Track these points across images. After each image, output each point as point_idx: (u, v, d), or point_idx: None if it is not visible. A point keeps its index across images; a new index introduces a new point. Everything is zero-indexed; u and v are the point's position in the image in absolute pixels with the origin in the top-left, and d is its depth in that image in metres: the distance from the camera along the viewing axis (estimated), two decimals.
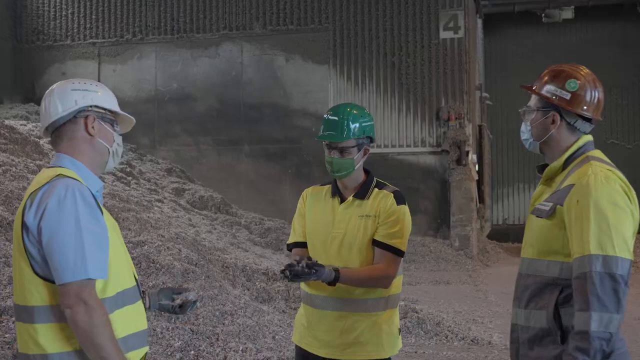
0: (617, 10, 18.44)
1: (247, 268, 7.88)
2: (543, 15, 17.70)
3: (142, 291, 2.67)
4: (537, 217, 2.52)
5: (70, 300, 2.13)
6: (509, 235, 18.36)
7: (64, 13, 16.29)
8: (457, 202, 13.68)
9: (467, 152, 13.81)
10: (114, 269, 2.28)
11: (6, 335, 4.52)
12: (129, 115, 2.54)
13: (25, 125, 12.62)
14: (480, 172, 15.57)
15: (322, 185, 3.24)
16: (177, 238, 7.68)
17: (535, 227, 2.53)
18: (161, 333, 5.21)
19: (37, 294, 2.22)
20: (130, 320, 2.33)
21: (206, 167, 15.20)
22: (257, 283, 7.62)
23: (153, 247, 7.00)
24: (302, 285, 3.11)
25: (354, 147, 3.01)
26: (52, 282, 2.19)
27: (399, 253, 2.98)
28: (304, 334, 3.10)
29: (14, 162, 8.73)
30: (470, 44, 14.38)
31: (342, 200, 3.09)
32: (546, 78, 2.60)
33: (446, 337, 6.74)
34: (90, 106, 2.41)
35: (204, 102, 15.30)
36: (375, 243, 2.98)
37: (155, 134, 15.43)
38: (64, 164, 2.36)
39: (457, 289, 10.52)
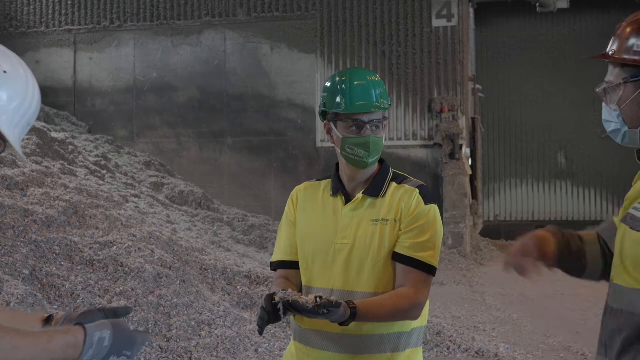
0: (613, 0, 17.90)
1: (228, 270, 7.19)
2: (537, 4, 17.07)
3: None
4: (633, 229, 1.68)
5: None
6: (500, 232, 17.78)
7: None
8: (450, 198, 13.07)
9: (461, 146, 13.22)
10: None
11: None
12: (18, 151, 1.64)
13: None
14: (473, 167, 14.95)
15: (317, 180, 2.43)
16: (150, 238, 6.97)
17: (632, 244, 1.68)
18: None
19: None
20: None
21: (187, 160, 14.50)
22: (238, 287, 6.93)
23: (122, 249, 6.29)
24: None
25: (385, 119, 2.27)
26: None
27: (430, 270, 2.20)
28: None
29: None
30: (464, 32, 13.75)
31: (348, 199, 2.30)
32: (628, 33, 1.73)
33: (448, 349, 6.08)
34: None
35: (185, 93, 14.58)
36: (397, 257, 2.20)
37: (134, 125, 14.72)
38: None
39: (453, 291, 9.92)
